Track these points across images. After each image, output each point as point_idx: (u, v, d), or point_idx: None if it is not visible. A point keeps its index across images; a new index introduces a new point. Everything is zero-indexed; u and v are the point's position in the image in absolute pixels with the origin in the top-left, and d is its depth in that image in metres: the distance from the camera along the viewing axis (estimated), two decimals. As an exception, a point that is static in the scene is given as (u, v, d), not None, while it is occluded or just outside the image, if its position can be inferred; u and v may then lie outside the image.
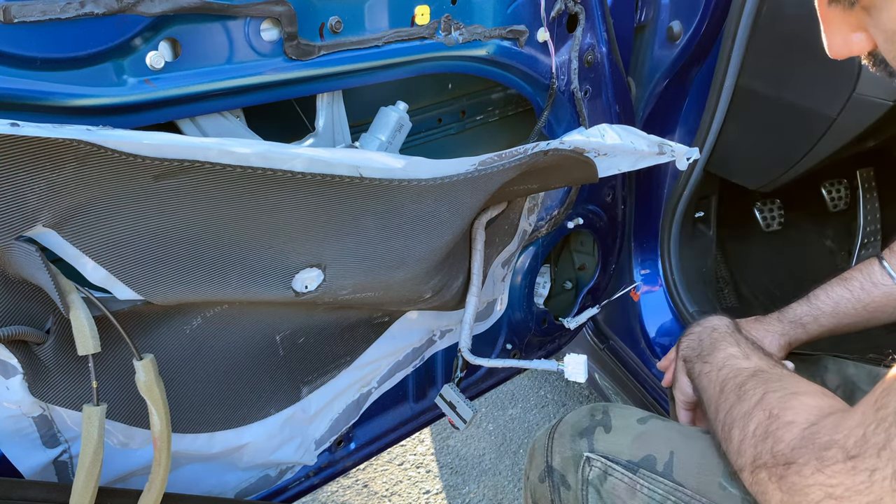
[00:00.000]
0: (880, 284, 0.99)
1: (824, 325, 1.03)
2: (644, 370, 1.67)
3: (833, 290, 1.03)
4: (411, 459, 2.04)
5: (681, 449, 0.84)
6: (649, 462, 0.84)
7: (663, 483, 0.82)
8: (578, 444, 0.89)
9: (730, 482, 0.78)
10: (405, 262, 0.96)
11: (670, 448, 0.84)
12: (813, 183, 2.04)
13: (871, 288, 0.99)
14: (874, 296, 0.99)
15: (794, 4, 1.21)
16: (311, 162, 0.78)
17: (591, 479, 0.86)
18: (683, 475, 0.81)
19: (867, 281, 1.00)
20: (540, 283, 1.53)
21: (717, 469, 0.80)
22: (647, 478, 0.83)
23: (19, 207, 0.66)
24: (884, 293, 0.98)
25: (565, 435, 0.92)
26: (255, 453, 1.11)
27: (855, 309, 1.01)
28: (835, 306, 1.02)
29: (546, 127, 1.22)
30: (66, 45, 0.69)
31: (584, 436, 0.90)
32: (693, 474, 0.81)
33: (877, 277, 0.99)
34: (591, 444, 0.89)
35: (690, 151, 1.09)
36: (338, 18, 0.86)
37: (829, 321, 1.03)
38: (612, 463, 0.86)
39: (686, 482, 0.81)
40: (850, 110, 1.19)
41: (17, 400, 0.80)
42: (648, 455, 0.84)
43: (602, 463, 0.86)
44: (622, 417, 0.91)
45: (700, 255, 1.69)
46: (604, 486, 0.85)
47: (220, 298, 0.89)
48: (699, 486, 0.80)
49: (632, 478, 0.83)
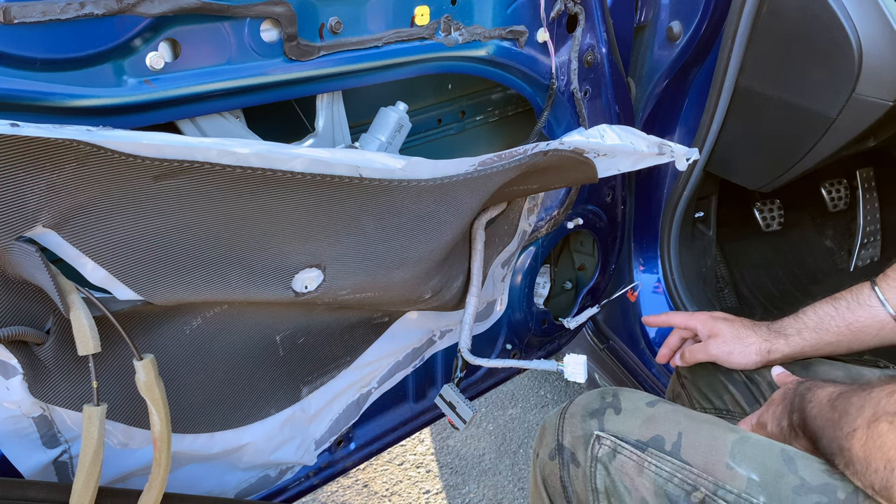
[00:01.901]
0: (866, 305, 1.00)
1: (807, 338, 1.04)
2: (644, 370, 1.67)
3: (821, 307, 1.05)
4: (411, 459, 2.04)
5: (689, 430, 0.86)
6: (658, 442, 0.86)
7: (670, 461, 0.84)
8: (589, 424, 0.92)
9: (737, 463, 0.80)
10: (405, 262, 0.96)
11: (678, 429, 0.86)
12: (813, 183, 2.04)
13: (857, 308, 1.00)
14: (858, 315, 1.00)
15: (794, 4, 1.21)
16: (310, 162, 0.78)
17: (600, 457, 0.89)
18: (691, 455, 0.83)
19: (854, 301, 1.01)
20: (540, 283, 1.53)
21: (725, 450, 0.82)
22: (655, 456, 0.85)
23: (19, 208, 0.66)
24: (869, 314, 0.99)
25: (576, 415, 0.95)
26: (255, 453, 1.11)
27: (838, 327, 1.02)
28: (819, 322, 1.04)
29: (546, 127, 1.22)
30: (66, 46, 0.69)
31: (595, 416, 0.93)
32: (701, 454, 0.83)
33: (864, 298, 1.00)
34: (602, 423, 0.91)
35: (690, 152, 1.09)
36: (337, 19, 0.86)
37: (812, 336, 1.04)
38: (621, 441, 0.88)
39: (693, 461, 0.83)
40: (850, 110, 1.19)
41: (17, 400, 0.80)
42: (657, 435, 0.87)
43: (612, 441, 0.89)
44: (632, 400, 0.93)
45: (700, 255, 1.69)
46: (612, 463, 0.88)
47: (220, 299, 0.89)
48: (706, 466, 0.82)
49: (640, 455, 0.86)
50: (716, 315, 1.16)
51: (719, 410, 1.15)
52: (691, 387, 1.21)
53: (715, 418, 0.89)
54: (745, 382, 1.11)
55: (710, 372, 1.17)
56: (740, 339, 1.09)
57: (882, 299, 0.98)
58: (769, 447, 0.81)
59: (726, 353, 1.10)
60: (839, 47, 1.15)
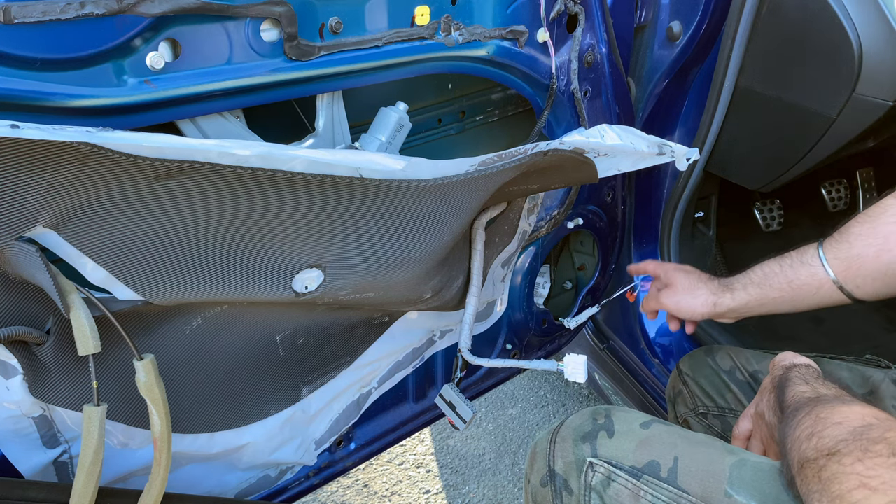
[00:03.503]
0: (808, 265, 1.01)
1: (751, 293, 1.07)
2: (644, 370, 1.67)
3: (768, 264, 1.07)
4: (411, 459, 2.04)
5: (685, 455, 0.83)
6: (653, 468, 0.83)
7: (667, 489, 0.81)
8: (581, 449, 0.89)
9: (736, 490, 0.77)
10: (405, 262, 0.96)
11: (674, 454, 0.83)
12: (813, 183, 2.04)
13: (799, 266, 1.02)
14: (800, 274, 1.02)
15: (794, 4, 1.21)
16: (311, 163, 0.78)
17: (594, 485, 0.86)
18: (688, 481, 0.80)
19: (798, 260, 1.03)
20: (540, 283, 1.53)
21: (723, 476, 0.79)
22: (650, 484, 0.82)
23: (19, 208, 0.66)
24: (809, 273, 1.01)
25: (567, 439, 0.91)
26: (255, 453, 1.11)
27: (780, 283, 1.04)
28: (763, 278, 1.06)
29: (546, 127, 1.22)
30: (67, 46, 0.69)
31: (587, 440, 0.89)
32: (698, 481, 0.80)
33: (807, 258, 1.02)
34: (594, 449, 0.88)
35: (690, 152, 1.09)
36: (338, 19, 0.86)
37: (756, 291, 1.07)
38: (615, 469, 0.85)
39: (690, 489, 0.80)
40: (850, 110, 1.19)
41: (18, 400, 0.80)
42: (652, 461, 0.84)
43: (605, 468, 0.86)
44: (625, 422, 0.90)
45: (700, 255, 1.69)
46: (607, 491, 0.85)
47: (220, 299, 0.89)
48: (704, 494, 0.79)
49: (635, 484, 0.83)
50: (679, 266, 1.19)
51: (721, 409, 1.15)
52: (693, 385, 1.21)
53: (711, 439, 0.87)
54: (749, 382, 1.12)
55: (711, 370, 1.17)
56: (690, 291, 1.12)
57: (823, 259, 1.00)
58: (768, 471, 0.79)
59: (675, 302, 1.13)
60: (839, 47, 1.16)
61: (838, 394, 0.81)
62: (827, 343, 1.64)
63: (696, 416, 1.19)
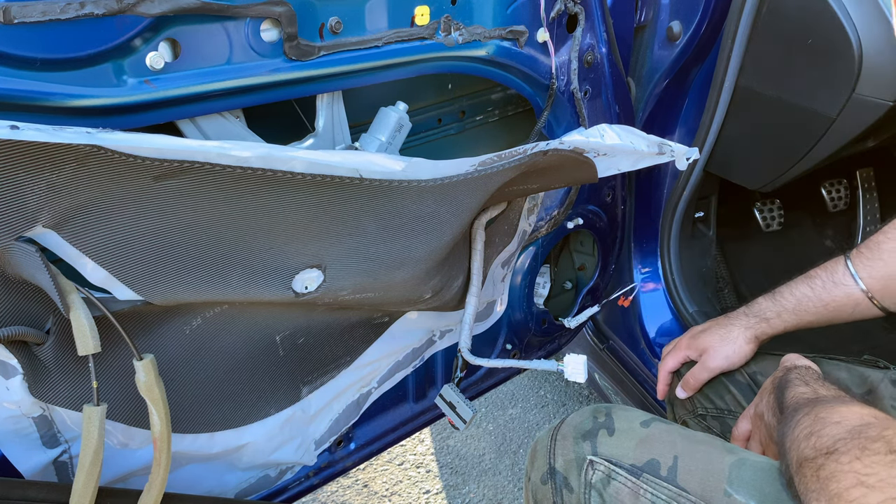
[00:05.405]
0: (841, 284, 1.00)
1: (787, 321, 1.06)
2: (644, 370, 1.67)
3: (797, 287, 1.05)
4: (411, 459, 2.04)
5: (685, 454, 0.83)
6: (653, 466, 0.83)
7: (667, 488, 0.81)
8: (581, 447, 0.89)
9: (735, 490, 0.78)
10: (405, 262, 0.96)
11: (674, 452, 0.84)
12: (813, 183, 2.04)
13: (833, 287, 1.01)
14: (835, 295, 1.00)
15: (794, 5, 1.21)
16: (310, 164, 0.78)
17: (594, 483, 0.86)
18: (687, 480, 0.81)
19: (829, 280, 1.01)
20: (540, 283, 1.53)
21: (723, 475, 0.79)
22: (650, 482, 0.82)
23: (19, 208, 0.66)
24: (844, 293, 1.00)
25: (568, 437, 0.92)
26: (255, 453, 1.11)
27: (816, 307, 1.02)
28: (797, 304, 1.04)
29: (546, 127, 1.22)
30: (66, 46, 0.69)
31: (588, 438, 0.90)
32: (697, 480, 0.80)
33: (839, 277, 1.00)
34: (595, 447, 0.88)
35: (690, 151, 1.09)
36: (338, 19, 0.86)
37: (791, 318, 1.05)
38: (615, 467, 0.85)
39: (690, 487, 0.80)
40: (850, 110, 1.19)
41: (17, 400, 0.80)
42: (652, 459, 0.84)
43: (605, 466, 0.86)
44: (625, 420, 0.91)
45: (700, 255, 1.69)
46: (607, 489, 0.85)
47: (220, 299, 0.89)
48: (703, 493, 0.79)
49: (635, 482, 0.83)
50: (692, 331, 1.16)
51: (721, 410, 1.15)
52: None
53: (711, 438, 0.87)
54: (749, 383, 1.11)
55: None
56: (727, 340, 1.10)
57: (856, 278, 0.98)
58: (767, 470, 0.79)
59: (724, 358, 1.10)
60: (839, 47, 1.15)
61: (837, 395, 0.81)
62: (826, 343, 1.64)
63: (694, 417, 1.19)
